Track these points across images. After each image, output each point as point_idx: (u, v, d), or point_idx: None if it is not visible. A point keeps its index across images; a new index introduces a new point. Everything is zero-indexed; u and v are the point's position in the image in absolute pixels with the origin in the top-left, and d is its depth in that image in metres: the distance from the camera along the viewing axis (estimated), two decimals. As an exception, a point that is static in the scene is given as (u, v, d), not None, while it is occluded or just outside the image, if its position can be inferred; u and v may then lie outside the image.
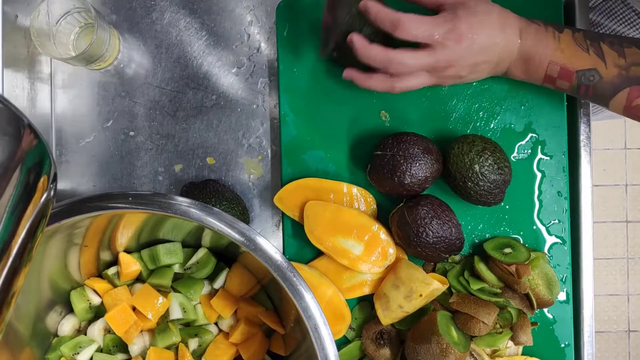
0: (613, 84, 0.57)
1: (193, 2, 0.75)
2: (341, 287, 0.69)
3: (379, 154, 0.65)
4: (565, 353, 0.70)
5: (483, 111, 0.71)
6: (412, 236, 0.64)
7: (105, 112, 0.75)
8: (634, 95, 0.57)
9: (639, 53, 0.57)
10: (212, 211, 0.58)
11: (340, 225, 0.67)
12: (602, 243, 1.69)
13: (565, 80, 0.59)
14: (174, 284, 0.69)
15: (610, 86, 0.58)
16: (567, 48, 0.58)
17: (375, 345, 0.68)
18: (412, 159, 0.63)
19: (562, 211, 0.70)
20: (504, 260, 0.65)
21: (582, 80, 0.58)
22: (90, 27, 0.73)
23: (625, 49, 0.57)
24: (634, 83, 0.57)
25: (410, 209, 0.65)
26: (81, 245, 0.64)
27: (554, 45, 0.58)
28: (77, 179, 0.75)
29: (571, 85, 0.59)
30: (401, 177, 0.64)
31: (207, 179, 0.72)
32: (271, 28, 0.75)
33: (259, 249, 0.57)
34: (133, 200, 0.58)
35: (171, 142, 0.75)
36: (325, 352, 0.56)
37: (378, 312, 0.67)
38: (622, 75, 0.57)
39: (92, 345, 0.67)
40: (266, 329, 0.69)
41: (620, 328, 1.69)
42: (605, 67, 0.57)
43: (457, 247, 0.65)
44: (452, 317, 0.66)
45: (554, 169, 0.70)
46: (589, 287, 0.71)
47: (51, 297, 0.67)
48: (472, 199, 0.65)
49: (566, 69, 0.58)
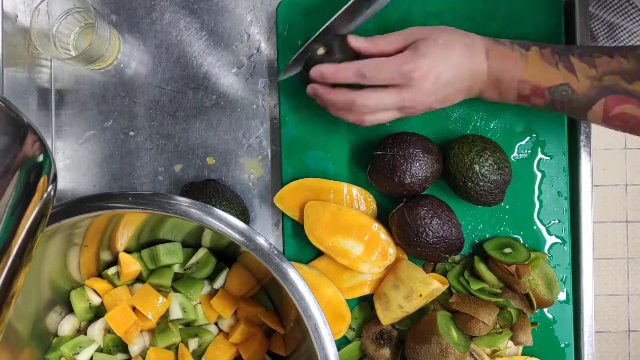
0: (587, 97, 0.56)
1: (193, 2, 0.75)
2: (341, 287, 0.69)
3: (379, 154, 0.65)
4: (565, 353, 0.70)
5: (483, 111, 0.71)
6: (412, 236, 0.64)
7: (105, 112, 0.75)
8: (610, 106, 0.56)
9: (610, 61, 0.55)
10: (212, 211, 0.58)
11: (340, 225, 0.67)
12: (602, 243, 1.69)
13: (538, 98, 0.58)
14: (174, 284, 0.69)
15: (585, 99, 0.56)
16: (535, 65, 0.57)
17: (375, 345, 0.68)
18: (412, 158, 0.63)
19: (562, 211, 0.70)
20: (504, 260, 0.65)
21: (555, 96, 0.57)
22: (90, 27, 0.73)
23: (595, 59, 0.56)
24: (609, 93, 0.55)
25: (410, 209, 0.65)
26: (81, 245, 0.64)
27: (522, 64, 0.57)
28: (77, 179, 0.75)
29: (545, 102, 0.58)
30: (401, 177, 0.64)
31: (207, 179, 0.72)
32: (271, 28, 0.75)
33: (259, 249, 0.57)
34: (133, 200, 0.58)
35: (171, 142, 0.75)
36: (325, 352, 0.56)
37: (378, 312, 0.67)
38: (594, 86, 0.55)
39: (92, 345, 0.67)
40: (266, 329, 0.69)
41: (620, 328, 1.69)
42: (577, 80, 0.56)
43: (457, 247, 0.65)
44: (452, 317, 0.66)
45: (554, 169, 0.70)
46: (589, 287, 0.71)
47: (51, 297, 0.67)
48: (472, 199, 0.65)
49: (537, 86, 0.57)
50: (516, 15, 0.70)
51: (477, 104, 0.70)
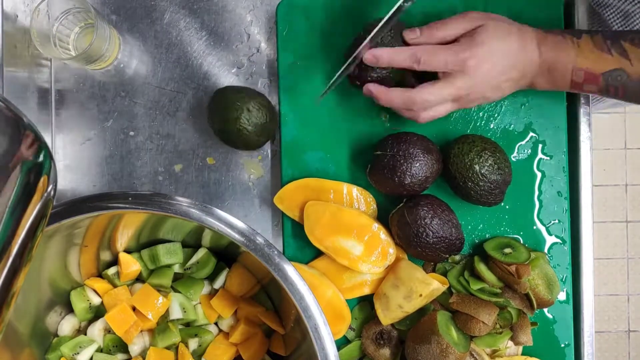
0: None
1: (193, 2, 0.75)
2: (341, 287, 0.69)
3: (378, 154, 0.65)
4: (565, 353, 0.70)
5: (483, 111, 0.71)
6: (412, 236, 0.64)
7: (105, 112, 0.75)
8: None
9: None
10: (212, 211, 0.58)
11: (340, 226, 0.67)
12: (602, 243, 1.69)
13: (592, 85, 0.58)
14: (174, 284, 0.69)
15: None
16: (588, 52, 0.57)
17: (375, 345, 0.68)
18: (412, 159, 0.63)
19: (562, 211, 0.70)
20: (504, 260, 0.65)
21: (609, 82, 0.57)
22: (90, 27, 0.73)
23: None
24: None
25: (410, 210, 0.65)
26: (81, 245, 0.64)
27: (575, 51, 0.58)
28: (77, 179, 0.75)
29: (599, 88, 0.58)
30: (401, 177, 0.64)
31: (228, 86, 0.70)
32: (271, 28, 0.75)
33: (259, 249, 0.57)
34: (133, 200, 0.58)
35: (171, 142, 0.75)
36: (325, 352, 0.56)
37: (378, 312, 0.67)
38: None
39: (92, 345, 0.67)
40: (266, 329, 0.69)
41: (620, 328, 1.69)
42: (631, 64, 0.56)
43: (457, 247, 0.65)
44: (452, 317, 0.66)
45: (554, 169, 0.70)
46: (589, 287, 0.71)
47: (51, 297, 0.67)
48: (472, 199, 0.65)
49: (591, 72, 0.57)
50: (516, 15, 0.70)
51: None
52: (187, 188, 0.75)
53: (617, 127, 1.70)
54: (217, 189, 0.75)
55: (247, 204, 0.74)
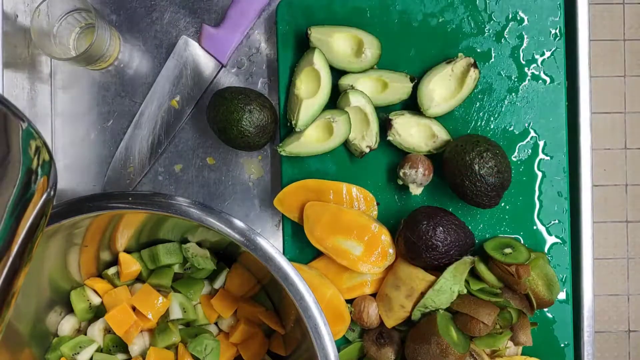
0: None
1: (193, 2, 0.75)
2: (341, 288, 0.69)
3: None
4: (565, 353, 0.70)
5: (483, 111, 0.71)
6: (424, 252, 0.64)
7: (105, 112, 0.75)
8: None
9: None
10: (212, 211, 0.58)
11: (340, 226, 0.67)
12: (602, 243, 1.69)
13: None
14: (174, 284, 0.69)
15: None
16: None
17: (376, 346, 0.68)
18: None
19: (562, 211, 0.70)
20: (504, 260, 0.65)
21: None
22: (90, 28, 0.73)
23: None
24: None
25: (411, 230, 0.64)
26: (81, 245, 0.64)
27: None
28: (77, 179, 0.75)
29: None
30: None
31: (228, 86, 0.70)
32: (271, 28, 0.75)
33: (259, 249, 0.57)
34: (133, 200, 0.58)
35: (171, 142, 0.75)
36: (325, 352, 0.56)
37: (382, 314, 0.67)
38: None
39: (92, 345, 0.67)
40: (266, 329, 0.69)
41: (620, 328, 1.69)
42: None
43: (469, 245, 0.66)
44: (452, 317, 0.66)
45: (554, 169, 0.70)
46: (589, 287, 0.71)
47: (51, 297, 0.67)
48: (467, 198, 0.65)
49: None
50: (516, 16, 0.70)
51: (477, 104, 0.70)
52: (187, 188, 0.75)
53: (617, 127, 1.70)
54: (217, 189, 0.75)
55: (247, 204, 0.74)
